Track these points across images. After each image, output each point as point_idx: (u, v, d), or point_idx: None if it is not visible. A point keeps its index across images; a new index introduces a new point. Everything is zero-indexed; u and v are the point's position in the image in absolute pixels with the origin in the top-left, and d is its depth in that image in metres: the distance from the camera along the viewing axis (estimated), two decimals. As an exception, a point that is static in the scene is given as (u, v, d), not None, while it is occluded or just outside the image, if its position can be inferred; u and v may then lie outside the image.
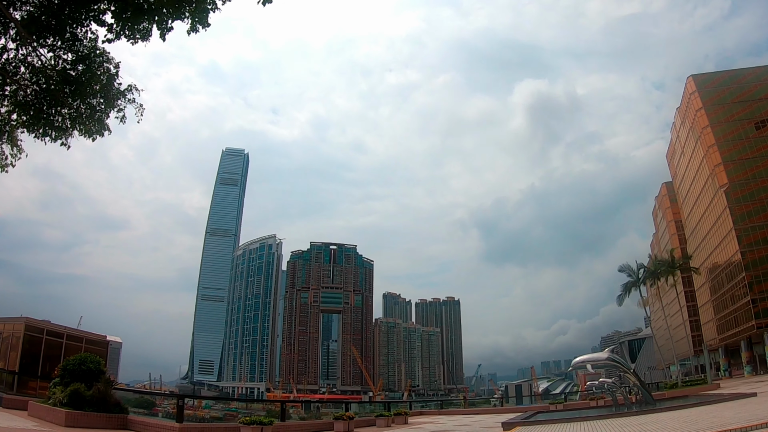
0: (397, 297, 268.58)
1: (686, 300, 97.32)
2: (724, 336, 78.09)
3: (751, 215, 71.63)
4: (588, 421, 18.08)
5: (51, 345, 21.94)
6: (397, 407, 27.77)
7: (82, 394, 13.39)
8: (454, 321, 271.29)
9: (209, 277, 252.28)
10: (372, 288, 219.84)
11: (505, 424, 17.58)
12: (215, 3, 9.55)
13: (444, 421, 24.75)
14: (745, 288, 69.01)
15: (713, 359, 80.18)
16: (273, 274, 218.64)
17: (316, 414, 32.35)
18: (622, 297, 66.62)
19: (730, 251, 74.13)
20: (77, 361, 14.26)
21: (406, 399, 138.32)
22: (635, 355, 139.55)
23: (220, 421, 27.21)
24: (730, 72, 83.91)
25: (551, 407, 31.43)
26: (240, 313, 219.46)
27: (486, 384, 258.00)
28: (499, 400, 60.83)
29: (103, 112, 10.77)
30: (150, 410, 19.69)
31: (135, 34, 9.43)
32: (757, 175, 73.12)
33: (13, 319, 22.34)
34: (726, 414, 14.92)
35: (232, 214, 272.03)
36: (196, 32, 9.55)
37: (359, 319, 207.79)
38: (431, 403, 74.82)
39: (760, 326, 65.53)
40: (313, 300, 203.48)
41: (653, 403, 23.50)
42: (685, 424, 13.16)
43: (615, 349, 34.36)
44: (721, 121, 77.99)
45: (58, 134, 10.64)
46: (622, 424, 15.37)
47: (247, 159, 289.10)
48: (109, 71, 10.54)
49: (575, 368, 32.73)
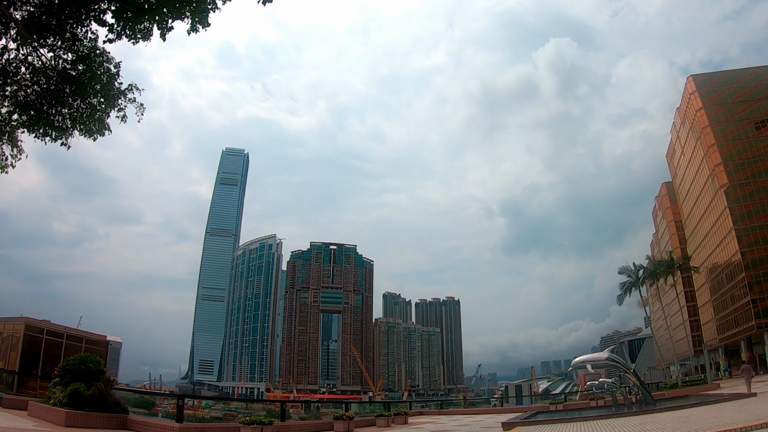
0: (397, 297, 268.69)
1: (686, 300, 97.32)
2: (724, 336, 78.10)
3: (751, 215, 71.63)
4: (588, 421, 18.09)
5: (51, 345, 21.94)
6: (397, 407, 27.74)
7: (82, 394, 13.38)
8: (454, 321, 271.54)
9: (209, 277, 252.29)
10: (372, 288, 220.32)
11: (505, 424, 17.58)
12: (215, 3, 9.56)
13: (444, 421, 24.75)
14: (745, 288, 69.02)
15: (713, 359, 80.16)
16: (273, 274, 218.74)
17: (316, 414, 32.39)
18: (622, 297, 66.81)
19: (730, 251, 74.13)
20: (77, 361, 14.24)
21: (406, 399, 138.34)
22: (635, 355, 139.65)
23: (220, 421, 27.24)
24: (730, 72, 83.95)
25: (551, 407, 31.45)
26: (240, 313, 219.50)
27: (486, 384, 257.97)
28: (499, 400, 60.90)
29: (104, 112, 10.77)
30: (150, 410, 19.72)
31: (135, 34, 9.43)
32: (756, 175, 73.13)
33: (13, 319, 22.35)
34: (726, 414, 14.93)
35: (232, 214, 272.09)
36: (196, 32, 9.55)
37: (359, 319, 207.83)
38: (431, 403, 74.82)
39: (760, 326, 65.54)
40: (313, 300, 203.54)
41: (653, 403, 23.51)
42: (685, 424, 13.17)
43: (615, 349, 34.37)
44: (721, 121, 78.00)
45: (58, 134, 10.65)
46: (622, 424, 15.38)
47: (247, 159, 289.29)
48: (109, 71, 10.54)
49: (575, 368, 32.77)
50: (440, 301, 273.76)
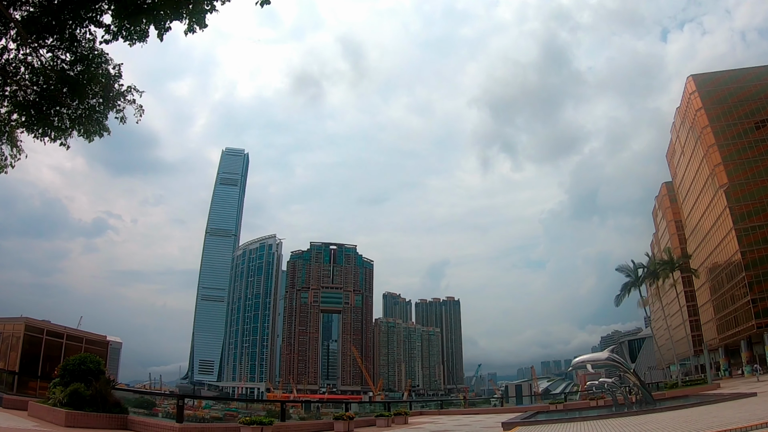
0: (397, 297, 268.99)
1: (686, 300, 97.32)
2: (724, 336, 78.08)
3: (751, 215, 71.63)
4: (588, 421, 18.08)
5: (51, 345, 21.92)
6: (397, 407, 27.75)
7: (82, 394, 13.38)
8: (454, 321, 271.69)
9: (209, 277, 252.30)
10: (372, 288, 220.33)
11: (505, 424, 17.58)
12: (213, 4, 9.55)
13: (444, 421, 24.75)
14: (745, 288, 69.01)
15: (713, 359, 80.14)
16: (273, 274, 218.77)
17: (316, 414, 32.34)
18: (621, 297, 66.66)
19: (730, 251, 74.12)
20: (77, 361, 14.25)
21: (406, 399, 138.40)
22: (635, 355, 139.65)
23: (220, 421, 27.20)
24: (730, 72, 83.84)
25: (551, 407, 31.42)
26: (240, 313, 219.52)
27: (486, 384, 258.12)
28: (499, 400, 60.91)
29: (102, 113, 10.77)
30: (150, 410, 19.68)
31: (133, 35, 9.43)
32: (756, 174, 73.11)
33: (13, 319, 22.33)
34: (726, 414, 14.92)
35: (232, 214, 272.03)
36: (194, 32, 9.56)
37: (359, 319, 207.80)
38: (431, 403, 74.76)
39: (760, 326, 65.54)
40: (313, 300, 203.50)
41: (653, 403, 23.49)
42: (685, 424, 13.16)
43: (615, 349, 34.33)
44: (721, 121, 77.97)
45: (57, 134, 10.63)
46: (622, 424, 15.37)
47: (247, 159, 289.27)
48: (108, 72, 10.53)
49: (575, 368, 32.76)
50: (440, 301, 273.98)
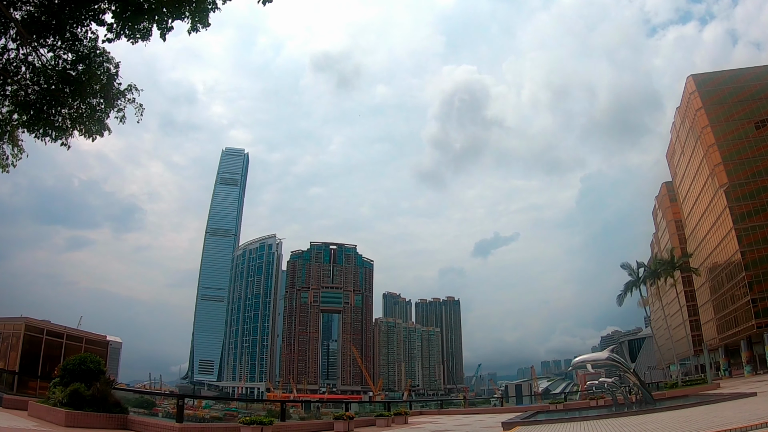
0: (397, 297, 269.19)
1: (686, 299, 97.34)
2: (724, 336, 78.08)
3: (751, 215, 71.62)
4: (588, 420, 18.07)
5: (51, 345, 21.91)
6: (397, 407, 27.75)
7: (82, 394, 13.37)
8: (454, 321, 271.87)
9: (209, 277, 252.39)
10: (372, 288, 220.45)
11: (505, 424, 17.57)
12: (215, 3, 9.55)
13: (444, 420, 24.75)
14: (745, 288, 69.01)
15: (713, 359, 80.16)
16: (273, 274, 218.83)
17: (316, 414, 32.38)
18: (623, 296, 66.57)
19: (730, 251, 74.12)
20: (77, 361, 14.25)
21: (406, 399, 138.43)
22: (635, 355, 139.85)
23: (220, 421, 27.24)
24: (729, 71, 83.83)
25: (551, 407, 31.41)
26: (240, 313, 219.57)
27: (486, 384, 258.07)
28: (499, 400, 60.89)
29: (103, 112, 10.75)
30: (150, 410, 19.72)
31: (135, 34, 9.42)
32: (756, 174, 73.11)
33: (13, 319, 22.33)
34: (726, 414, 14.91)
35: (232, 214, 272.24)
36: (197, 32, 9.56)
37: (359, 319, 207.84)
38: (431, 402, 74.76)
39: (760, 326, 65.53)
40: (313, 300, 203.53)
41: (653, 403, 23.49)
42: (685, 424, 13.16)
43: (615, 348, 34.33)
44: (720, 121, 77.96)
45: (58, 134, 10.63)
46: (622, 424, 15.36)
47: (247, 159, 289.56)
48: (108, 71, 10.52)
49: (575, 368, 32.78)
50: (440, 300, 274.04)
